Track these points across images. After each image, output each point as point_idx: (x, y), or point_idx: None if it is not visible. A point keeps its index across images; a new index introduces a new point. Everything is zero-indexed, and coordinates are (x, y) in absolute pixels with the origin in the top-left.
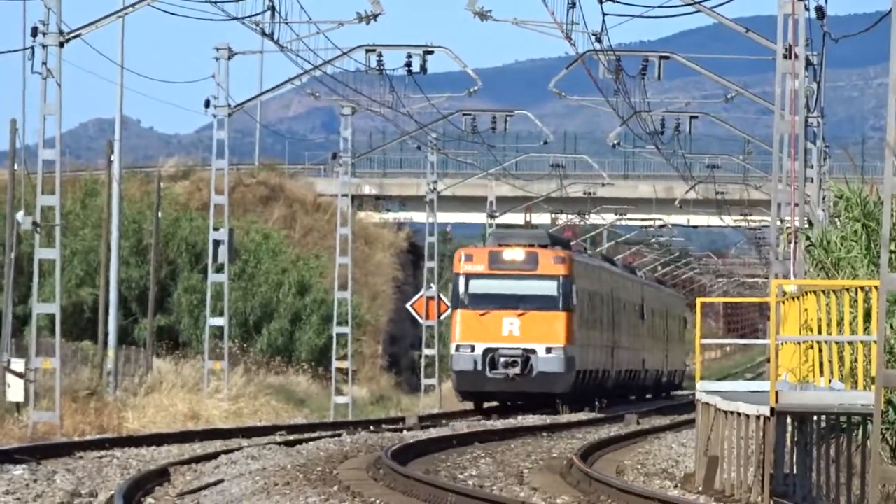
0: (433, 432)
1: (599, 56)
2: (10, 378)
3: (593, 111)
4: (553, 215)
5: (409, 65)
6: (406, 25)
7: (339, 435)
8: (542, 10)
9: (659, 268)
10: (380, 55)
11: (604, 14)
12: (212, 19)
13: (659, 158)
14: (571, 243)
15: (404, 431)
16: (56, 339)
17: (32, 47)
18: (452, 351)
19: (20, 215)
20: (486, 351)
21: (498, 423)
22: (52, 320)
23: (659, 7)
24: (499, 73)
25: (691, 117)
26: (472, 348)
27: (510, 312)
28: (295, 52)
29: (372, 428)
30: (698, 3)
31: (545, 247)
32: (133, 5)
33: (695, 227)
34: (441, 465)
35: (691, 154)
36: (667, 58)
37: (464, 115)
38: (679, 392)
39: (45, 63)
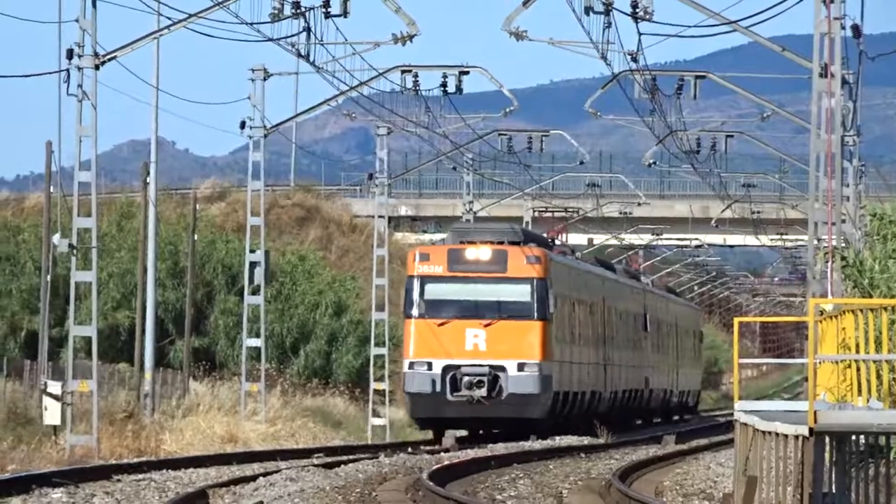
0: (471, 453)
1: (635, 76)
2: (47, 401)
3: (629, 131)
4: (589, 236)
5: (444, 85)
6: (442, 46)
7: (377, 457)
8: (578, 30)
9: (695, 287)
10: (415, 76)
11: (640, 34)
12: (247, 40)
13: (695, 177)
14: (556, 241)
15: (442, 453)
16: (93, 361)
17: (68, 69)
18: (405, 369)
19: (56, 238)
20: (447, 369)
21: (536, 444)
22: (89, 343)
23: (695, 26)
24: (534, 93)
25: (727, 136)
26: (429, 366)
27: (474, 322)
28: (331, 73)
29: (410, 450)
30: (734, 22)
31: (517, 244)
32: (168, 27)
33: (731, 246)
34: (480, 487)
35: (727, 173)
36: (702, 77)
37: (500, 135)
38: (690, 416)
39: (80, 85)
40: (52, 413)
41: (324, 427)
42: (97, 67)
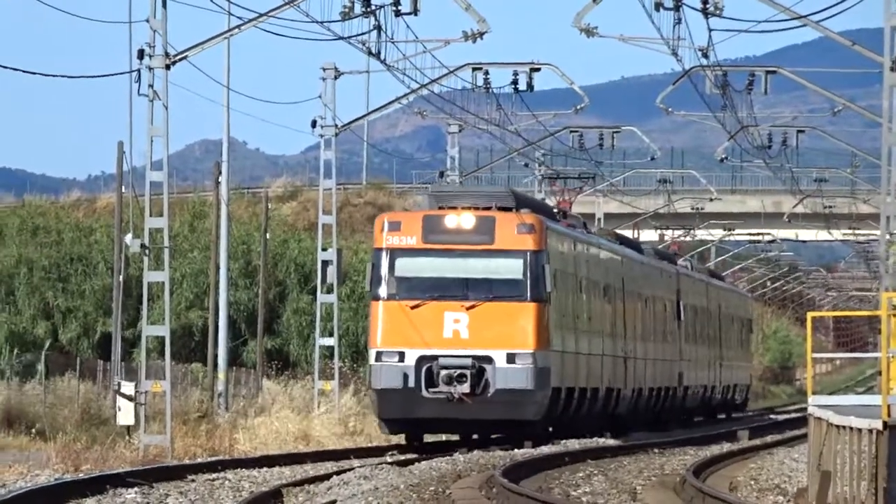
0: (545, 450)
1: (706, 71)
2: (120, 401)
3: (700, 126)
4: (660, 231)
5: (515, 82)
6: (512, 43)
7: (452, 454)
8: (649, 26)
9: (768, 283)
10: (486, 73)
11: (710, 29)
12: (318, 39)
13: (766, 173)
14: (564, 210)
15: (516, 450)
16: (166, 361)
17: (139, 70)
18: (371, 360)
19: (128, 238)
20: (421, 360)
21: (610, 441)
22: (162, 343)
23: (765, 21)
24: (605, 89)
25: (798, 131)
26: (401, 356)
27: (455, 304)
28: (401, 71)
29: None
30: (804, 16)
31: (508, 210)
32: (239, 26)
33: (803, 241)
34: (554, 483)
35: (799, 168)
36: (773, 72)
37: (571, 131)
38: (742, 414)
39: (151, 85)
40: (125, 413)
41: None
42: (168, 67)
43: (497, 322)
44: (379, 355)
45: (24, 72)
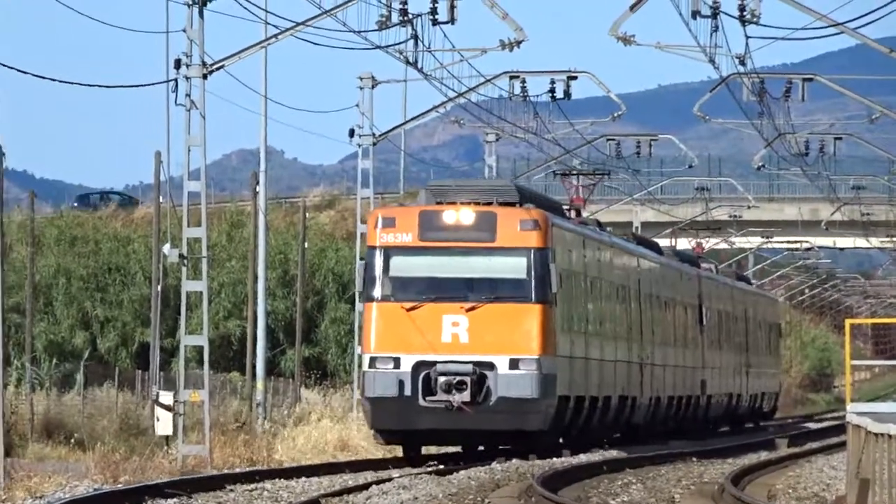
0: (583, 458)
1: (743, 79)
2: (158, 411)
3: (737, 134)
4: (697, 240)
5: (552, 90)
6: (549, 51)
7: (490, 463)
8: (686, 34)
9: (806, 290)
10: (523, 81)
11: (747, 37)
12: (355, 48)
13: (804, 180)
14: (577, 207)
15: (554, 458)
16: (204, 371)
17: (176, 79)
18: (365, 367)
19: (166, 248)
20: (418, 367)
21: (649, 451)
22: (200, 352)
23: (802, 29)
24: (642, 97)
25: (836, 138)
26: (396, 362)
27: (454, 306)
28: (438, 80)
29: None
30: (841, 24)
31: (511, 205)
32: (276, 36)
33: (841, 249)
34: (592, 492)
35: (836, 175)
36: (810, 79)
37: (608, 140)
38: (770, 423)
39: (188, 95)
40: (163, 423)
41: None
42: (205, 77)
43: (499, 325)
44: (373, 361)
45: (61, 81)
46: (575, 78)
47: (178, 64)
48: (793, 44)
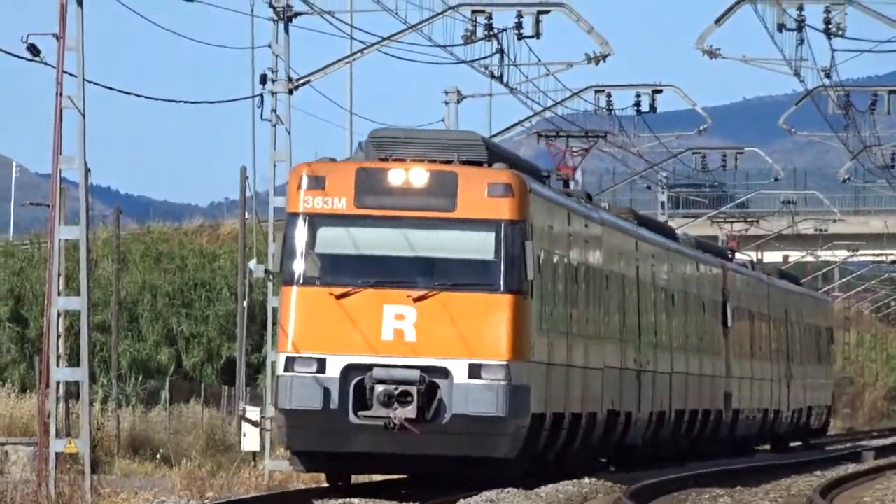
0: (669, 472)
1: (829, 91)
2: (245, 427)
3: (823, 146)
4: (784, 253)
5: (638, 104)
6: (635, 65)
7: (579, 478)
8: (772, 47)
9: (892, 303)
10: (609, 95)
11: (833, 50)
12: (441, 63)
13: (890, 192)
14: (566, 178)
15: (641, 472)
16: None
17: (261, 95)
18: (280, 370)
19: (252, 264)
20: (349, 371)
21: (738, 465)
22: None
23: (888, 41)
24: (728, 110)
25: None
26: (321, 365)
27: (398, 294)
28: (524, 94)
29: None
30: None
31: (476, 164)
32: (361, 51)
33: None
34: None
35: None
36: None
37: (693, 153)
38: (821, 440)
39: (274, 110)
40: (250, 439)
41: None
42: (291, 92)
43: (457, 320)
44: (290, 363)
45: (146, 97)
46: (660, 91)
47: (263, 79)
48: (878, 56)
